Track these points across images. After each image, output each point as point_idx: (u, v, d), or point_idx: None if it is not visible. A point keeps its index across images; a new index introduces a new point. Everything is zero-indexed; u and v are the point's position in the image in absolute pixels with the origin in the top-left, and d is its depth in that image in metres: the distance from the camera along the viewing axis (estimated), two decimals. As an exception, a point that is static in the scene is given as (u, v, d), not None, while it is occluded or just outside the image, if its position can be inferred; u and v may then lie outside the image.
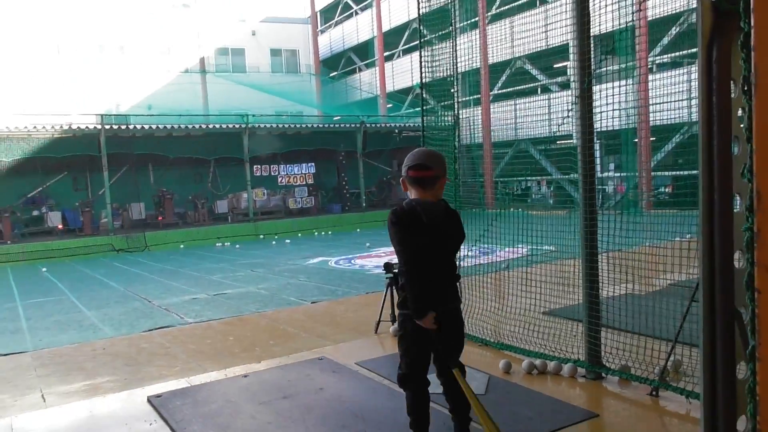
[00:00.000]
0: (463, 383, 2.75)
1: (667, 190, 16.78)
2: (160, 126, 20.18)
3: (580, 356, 4.05)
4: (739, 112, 1.76)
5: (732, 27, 1.72)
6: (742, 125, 1.78)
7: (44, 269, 14.14)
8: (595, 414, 3.38)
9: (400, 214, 2.73)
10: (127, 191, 20.19)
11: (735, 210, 1.74)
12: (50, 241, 17.63)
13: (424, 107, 5.73)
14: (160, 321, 7.26)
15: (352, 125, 24.22)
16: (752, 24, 1.17)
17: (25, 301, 9.57)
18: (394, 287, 4.96)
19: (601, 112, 4.10)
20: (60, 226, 19.25)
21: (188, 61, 31.39)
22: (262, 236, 19.85)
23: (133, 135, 19.76)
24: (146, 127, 19.96)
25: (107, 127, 19.01)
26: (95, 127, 18.70)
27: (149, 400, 4.08)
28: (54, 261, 16.19)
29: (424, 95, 5.73)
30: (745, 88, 1.22)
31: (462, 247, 5.29)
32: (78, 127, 18.63)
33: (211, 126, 21.89)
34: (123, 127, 19.85)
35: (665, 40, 16.50)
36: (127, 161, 20.07)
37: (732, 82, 1.68)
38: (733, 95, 1.67)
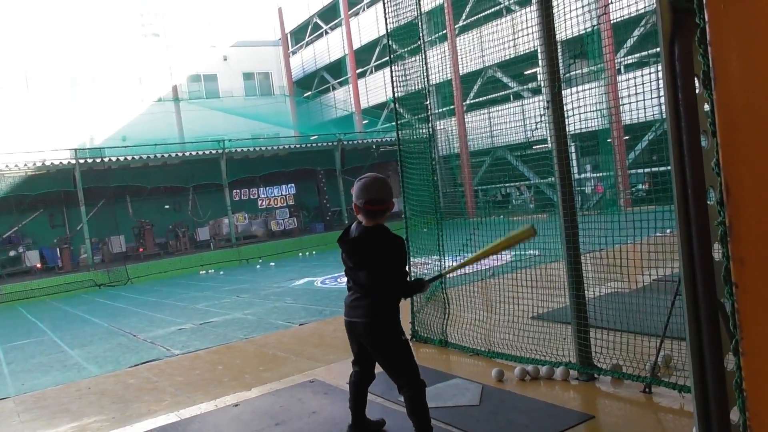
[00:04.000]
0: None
1: (644, 186, 16.97)
2: (135, 157, 20.04)
3: (571, 359, 4.05)
4: (705, 107, 1.78)
5: (691, 24, 1.73)
6: (708, 119, 1.79)
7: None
8: (590, 416, 3.37)
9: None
10: (106, 224, 19.97)
11: (709, 203, 1.75)
12: (29, 280, 17.33)
13: (399, 121, 5.74)
14: (146, 355, 7.14)
15: (330, 143, 24.23)
16: (707, 19, 1.18)
17: (5, 345, 9.36)
18: None
19: (573, 115, 4.13)
20: (38, 265, 18.96)
21: (161, 90, 31.25)
22: (245, 261, 19.71)
23: (108, 168, 19.58)
24: (122, 158, 19.80)
25: (82, 161, 18.82)
26: (69, 162, 18.51)
27: (139, 437, 4.00)
28: (34, 301, 15.91)
29: (398, 109, 5.73)
30: (706, 83, 1.23)
31: (445, 257, 5.34)
32: (52, 163, 18.43)
33: (187, 153, 21.77)
34: (98, 160, 19.63)
35: (630, 41, 16.78)
36: (104, 194, 19.87)
37: (695, 77, 1.70)
38: (697, 90, 1.69)
